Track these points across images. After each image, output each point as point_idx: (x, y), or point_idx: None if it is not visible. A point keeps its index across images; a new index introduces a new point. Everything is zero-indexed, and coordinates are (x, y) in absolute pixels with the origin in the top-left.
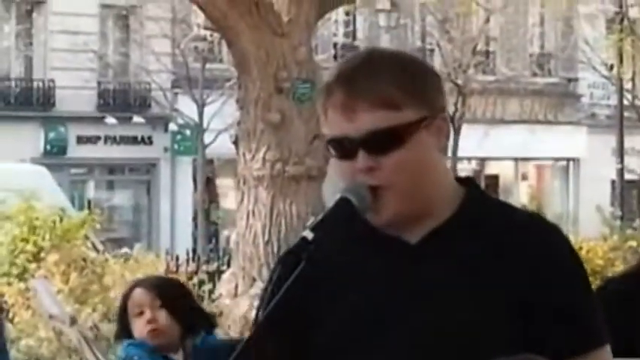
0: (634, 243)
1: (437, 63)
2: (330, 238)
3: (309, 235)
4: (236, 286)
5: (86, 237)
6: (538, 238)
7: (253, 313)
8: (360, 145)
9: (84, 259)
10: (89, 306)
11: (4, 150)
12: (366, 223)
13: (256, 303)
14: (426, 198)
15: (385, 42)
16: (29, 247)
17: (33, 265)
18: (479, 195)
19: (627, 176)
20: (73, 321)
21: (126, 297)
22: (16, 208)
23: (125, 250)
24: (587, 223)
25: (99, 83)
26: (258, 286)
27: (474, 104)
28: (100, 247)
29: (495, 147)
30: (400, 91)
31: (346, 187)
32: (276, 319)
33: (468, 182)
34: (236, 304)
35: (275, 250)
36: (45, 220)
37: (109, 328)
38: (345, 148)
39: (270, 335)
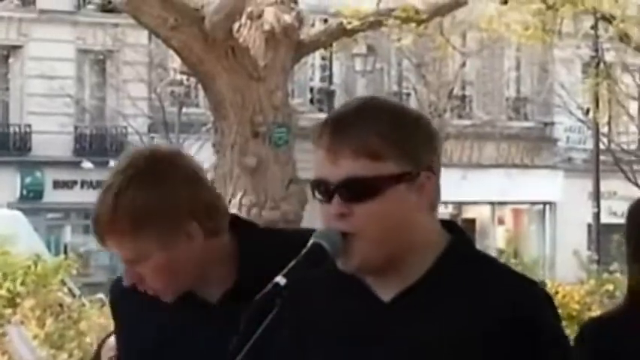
0: (610, 287)
1: (414, 106)
2: (302, 285)
3: (281, 280)
4: None
5: (62, 282)
6: (526, 309)
7: None
8: (335, 189)
9: (60, 305)
10: (65, 351)
11: None
12: (339, 271)
13: None
14: (398, 252)
15: (361, 86)
16: (3, 292)
17: (8, 311)
18: (461, 249)
19: (605, 220)
20: None
21: (101, 344)
22: None
23: (101, 295)
24: (563, 267)
25: (75, 128)
26: None
27: (451, 148)
28: (77, 291)
29: (472, 191)
30: (384, 142)
31: (319, 232)
32: None
33: (451, 228)
34: None
35: None
36: (20, 265)
37: None
38: (322, 191)
39: None
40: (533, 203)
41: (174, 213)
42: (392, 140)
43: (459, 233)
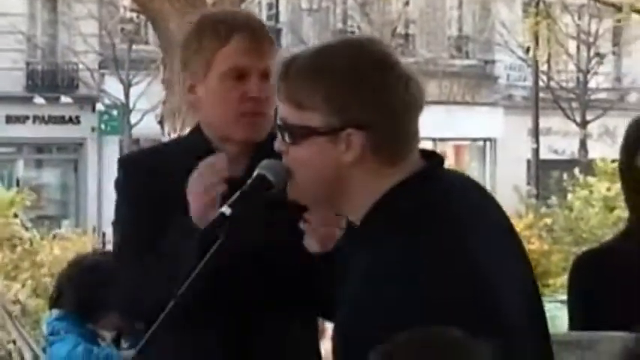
0: (549, 220)
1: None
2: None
3: (227, 210)
4: None
5: (15, 215)
6: None
7: None
8: (278, 128)
9: (15, 237)
10: (19, 282)
11: None
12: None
13: None
14: (329, 197)
15: (307, 24)
16: None
17: None
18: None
19: (544, 156)
20: None
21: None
22: None
23: (57, 230)
24: (503, 202)
25: (27, 64)
26: None
27: None
28: (29, 224)
29: None
30: (313, 94)
31: (265, 163)
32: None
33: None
34: None
35: None
36: None
37: (37, 304)
38: None
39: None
40: (474, 139)
41: None
42: (321, 95)
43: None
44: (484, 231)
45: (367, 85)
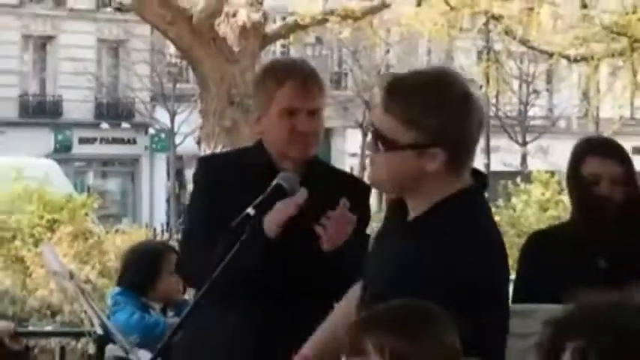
0: (497, 218)
1: (350, 83)
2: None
3: (251, 211)
4: None
5: (86, 214)
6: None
7: None
8: (371, 131)
9: (87, 231)
10: (89, 265)
11: (24, 148)
12: None
13: None
14: (402, 193)
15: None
16: (44, 221)
17: (48, 235)
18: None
19: (493, 168)
20: (72, 276)
21: (160, 256)
22: (34, 192)
23: (119, 226)
24: None
25: (95, 98)
26: None
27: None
28: (97, 221)
29: None
30: (410, 115)
31: (281, 175)
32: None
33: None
34: None
35: None
36: (57, 201)
37: (103, 283)
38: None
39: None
40: None
41: None
42: (416, 118)
43: (463, 193)
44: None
45: (456, 114)
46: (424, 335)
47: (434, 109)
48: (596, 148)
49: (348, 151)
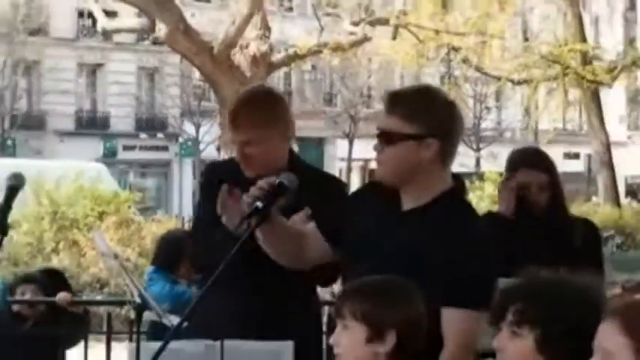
0: None
1: (339, 102)
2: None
3: (259, 204)
4: None
5: (129, 206)
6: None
7: None
8: (378, 135)
9: (129, 220)
10: (130, 248)
11: (79, 154)
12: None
13: None
14: (404, 183)
15: (308, 89)
16: (94, 213)
17: (98, 223)
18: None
19: (454, 170)
20: (116, 256)
21: (183, 243)
22: (87, 189)
23: (155, 215)
24: None
25: (135, 114)
26: None
27: (362, 127)
28: (137, 212)
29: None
30: (413, 115)
31: (282, 174)
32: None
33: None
34: None
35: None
36: (105, 196)
37: (142, 262)
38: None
39: None
40: None
41: None
42: (419, 117)
43: (457, 187)
44: None
45: (445, 112)
46: (398, 304)
47: (429, 107)
48: (528, 160)
49: (338, 157)
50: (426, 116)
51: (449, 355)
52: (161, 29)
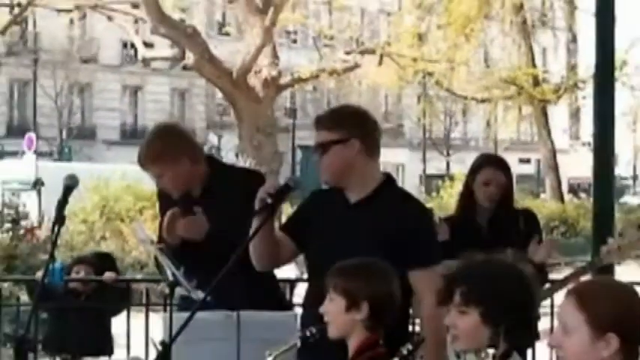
0: (432, 204)
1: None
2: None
3: (269, 200)
4: None
5: None
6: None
7: None
8: (314, 148)
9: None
10: None
11: (124, 159)
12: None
13: None
14: (344, 180)
15: (309, 106)
16: (136, 207)
17: (138, 216)
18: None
19: (428, 172)
20: (152, 242)
21: None
22: (130, 188)
23: None
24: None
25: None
26: None
27: None
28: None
29: None
30: (337, 125)
31: (290, 176)
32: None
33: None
34: None
35: None
36: (145, 194)
37: None
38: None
39: None
40: (396, 164)
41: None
42: (340, 125)
43: (393, 179)
44: None
45: (360, 120)
46: (376, 279)
47: (345, 117)
48: (490, 162)
49: None
50: (344, 124)
51: (430, 304)
52: (190, 58)
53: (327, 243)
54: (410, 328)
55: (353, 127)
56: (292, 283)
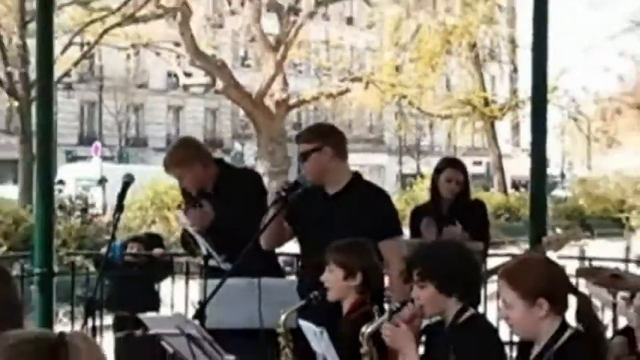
0: (407, 197)
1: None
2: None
3: (282, 193)
4: None
5: None
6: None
7: None
8: (298, 158)
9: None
10: None
11: None
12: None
13: None
14: (324, 180)
15: (312, 122)
16: (178, 199)
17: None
18: (359, 180)
19: (404, 172)
20: (191, 226)
21: None
22: (174, 185)
23: None
24: (391, 190)
25: (204, 137)
26: None
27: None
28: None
29: None
30: (311, 139)
31: (299, 175)
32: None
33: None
34: None
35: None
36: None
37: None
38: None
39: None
40: (377, 166)
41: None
42: (314, 137)
43: (360, 175)
44: None
45: (334, 133)
46: (367, 255)
47: (317, 130)
48: (451, 164)
49: None
50: (318, 136)
51: (397, 267)
52: (219, 84)
53: (313, 226)
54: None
55: (324, 138)
56: (299, 257)
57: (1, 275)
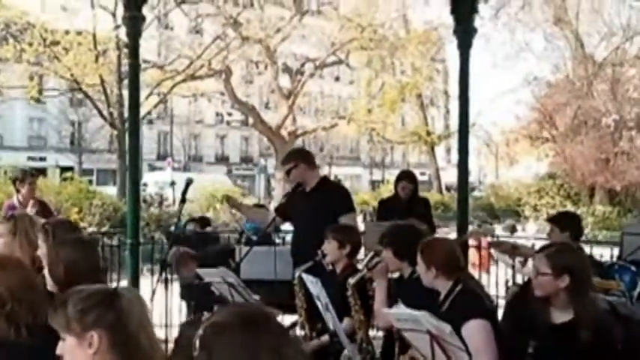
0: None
1: (325, 151)
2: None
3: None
4: None
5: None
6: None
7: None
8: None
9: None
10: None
11: (216, 172)
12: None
13: None
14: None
15: (312, 147)
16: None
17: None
18: (326, 180)
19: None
20: (234, 214)
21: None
22: (219, 188)
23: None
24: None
25: (240, 155)
26: None
27: (335, 162)
28: (241, 198)
29: None
30: (294, 160)
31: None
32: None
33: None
34: None
35: None
36: (228, 190)
37: (239, 216)
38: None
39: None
40: (356, 175)
41: None
42: (292, 159)
43: (326, 177)
44: None
45: (304, 153)
46: (354, 233)
47: (296, 154)
48: (406, 174)
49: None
50: (293, 157)
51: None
52: (251, 121)
53: (297, 214)
54: None
55: (298, 158)
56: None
57: (91, 244)
